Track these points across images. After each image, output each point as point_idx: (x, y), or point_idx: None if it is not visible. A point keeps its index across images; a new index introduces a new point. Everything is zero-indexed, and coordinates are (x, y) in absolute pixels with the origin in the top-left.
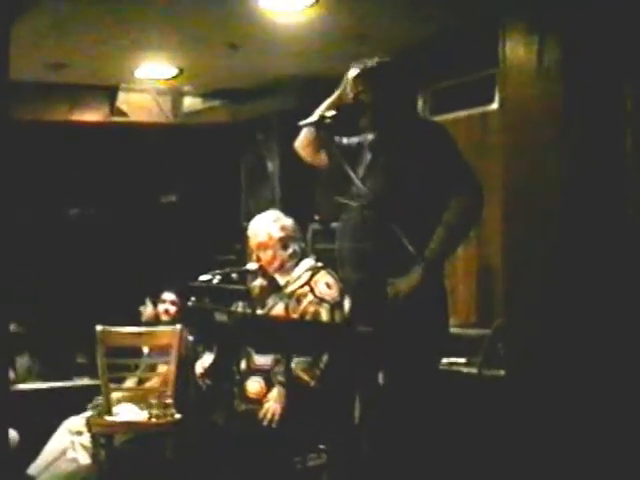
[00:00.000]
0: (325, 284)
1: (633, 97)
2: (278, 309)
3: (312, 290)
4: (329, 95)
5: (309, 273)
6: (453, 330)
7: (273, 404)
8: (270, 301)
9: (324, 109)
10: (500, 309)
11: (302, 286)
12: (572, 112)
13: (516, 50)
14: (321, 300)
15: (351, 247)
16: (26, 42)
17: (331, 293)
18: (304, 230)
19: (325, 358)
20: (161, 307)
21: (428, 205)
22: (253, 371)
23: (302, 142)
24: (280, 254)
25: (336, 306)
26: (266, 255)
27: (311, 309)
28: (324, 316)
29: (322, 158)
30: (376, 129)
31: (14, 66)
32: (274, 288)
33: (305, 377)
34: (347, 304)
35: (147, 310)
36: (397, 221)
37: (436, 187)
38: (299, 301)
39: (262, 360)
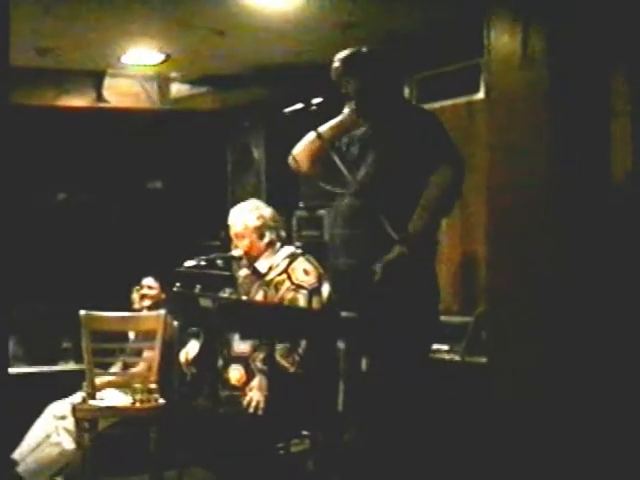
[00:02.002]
0: (303, 271)
1: (623, 82)
2: (258, 297)
3: (289, 277)
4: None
5: (287, 261)
6: None
7: (256, 393)
8: (253, 289)
9: (327, 129)
10: (482, 297)
11: (280, 274)
12: (557, 100)
13: (501, 39)
14: (298, 287)
15: (342, 233)
16: (13, 27)
17: (308, 280)
18: (289, 217)
19: (303, 344)
20: (141, 292)
21: (415, 190)
22: (232, 359)
23: (303, 152)
24: (256, 243)
25: (314, 292)
26: (243, 244)
27: (288, 296)
28: (301, 302)
29: (317, 169)
30: (363, 118)
31: None
32: (257, 276)
33: (284, 363)
34: (325, 290)
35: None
36: (384, 208)
37: (422, 170)
38: (277, 289)
39: (241, 347)
